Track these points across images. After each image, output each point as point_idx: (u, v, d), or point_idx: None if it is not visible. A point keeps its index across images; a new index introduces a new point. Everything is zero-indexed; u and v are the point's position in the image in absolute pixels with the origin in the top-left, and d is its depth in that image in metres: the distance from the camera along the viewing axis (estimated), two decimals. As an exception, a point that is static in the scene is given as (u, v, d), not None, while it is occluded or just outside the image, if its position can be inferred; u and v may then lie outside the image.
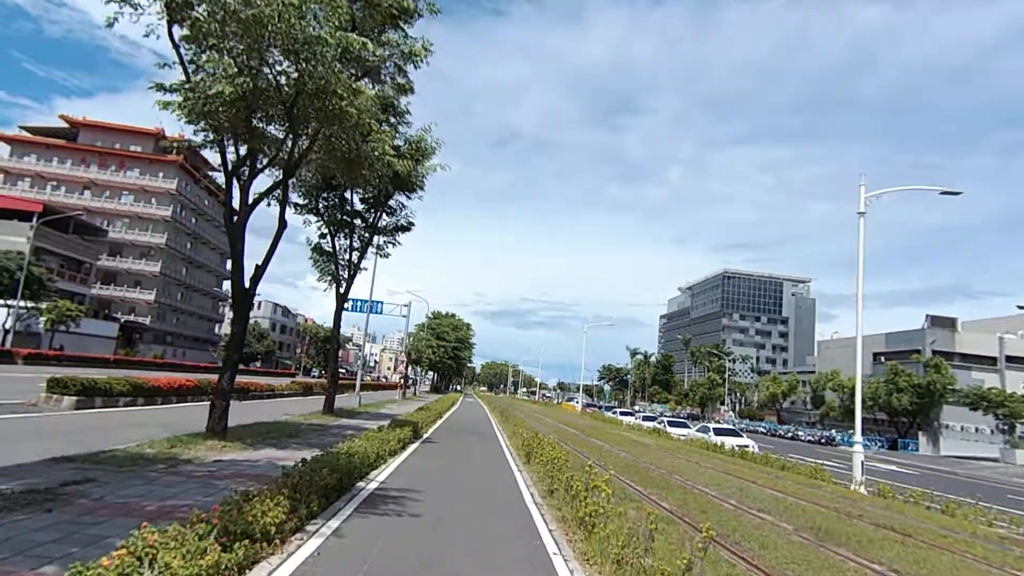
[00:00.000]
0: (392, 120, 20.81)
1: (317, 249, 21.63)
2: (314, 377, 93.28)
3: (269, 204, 12.99)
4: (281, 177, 12.53)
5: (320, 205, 21.22)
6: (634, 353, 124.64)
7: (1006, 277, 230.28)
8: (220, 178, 12.64)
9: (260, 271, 12.27)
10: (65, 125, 65.38)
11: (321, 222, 20.79)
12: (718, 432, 30.47)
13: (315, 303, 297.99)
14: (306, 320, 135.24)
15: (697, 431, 32.62)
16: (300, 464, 6.87)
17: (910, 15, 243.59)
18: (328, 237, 21.37)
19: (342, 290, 21.35)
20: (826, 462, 29.69)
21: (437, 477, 10.24)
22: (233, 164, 11.64)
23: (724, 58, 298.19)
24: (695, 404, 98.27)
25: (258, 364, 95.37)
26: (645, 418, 45.59)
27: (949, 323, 68.62)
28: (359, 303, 40.96)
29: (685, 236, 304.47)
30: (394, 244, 22.55)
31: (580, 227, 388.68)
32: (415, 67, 13.21)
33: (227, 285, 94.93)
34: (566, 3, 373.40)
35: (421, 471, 10.71)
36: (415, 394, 65.27)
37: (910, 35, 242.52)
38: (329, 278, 21.28)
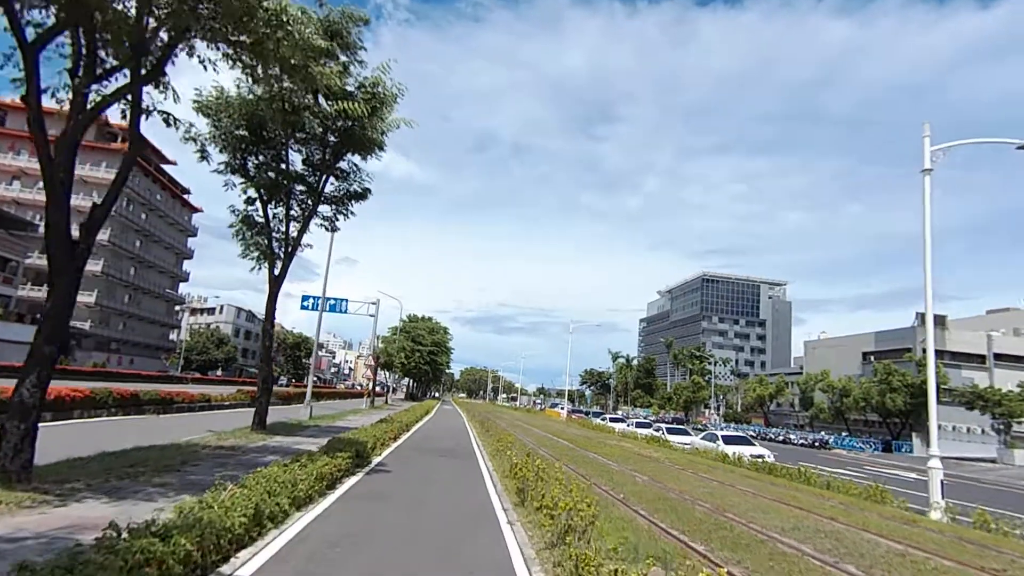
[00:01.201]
0: (342, 57, 16.51)
1: (246, 220, 17.01)
2: (281, 386, 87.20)
3: (124, 115, 8.46)
4: (130, 73, 8.01)
5: (249, 164, 16.71)
6: (616, 357, 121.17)
7: (966, 281, 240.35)
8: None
9: (100, 214, 7.80)
10: (-9, 108, 58.98)
11: (247, 183, 16.23)
12: (728, 441, 26.55)
13: (289, 309, 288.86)
14: (274, 325, 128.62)
15: (703, 439, 28.67)
16: None
17: (873, 32, 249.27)
18: (259, 204, 16.83)
19: (276, 271, 16.79)
20: (839, 470, 26.11)
21: (365, 560, 5.83)
22: (36, 37, 7.16)
23: (700, 69, 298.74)
24: (679, 408, 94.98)
25: (219, 372, 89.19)
26: (639, 424, 41.54)
27: (939, 321, 66.47)
28: (315, 300, 36.22)
29: (662, 243, 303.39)
30: (346, 215, 18.07)
31: (559, 233, 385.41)
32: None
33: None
34: (544, 11, 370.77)
35: (341, 541, 6.32)
36: (386, 402, 60.29)
37: (874, 52, 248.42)
38: (258, 254, 16.66)
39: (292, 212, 17.19)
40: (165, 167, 76.26)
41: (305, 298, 38.06)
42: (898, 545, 8.30)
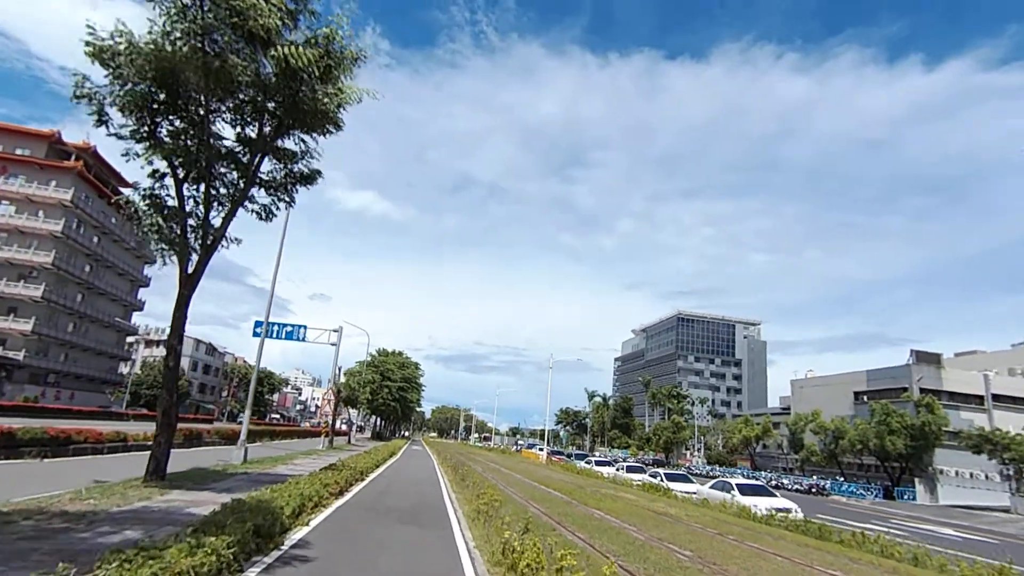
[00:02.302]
0: (289, 4, 13.04)
1: (154, 202, 12.94)
2: (239, 423, 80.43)
3: None
4: None
5: (162, 131, 12.84)
6: (592, 396, 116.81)
7: (917, 326, 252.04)
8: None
9: None
10: (-73, 118, 54.00)
11: (152, 151, 12.24)
12: (744, 490, 22.53)
13: (254, 344, 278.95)
14: (235, 359, 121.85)
15: (712, 488, 24.51)
16: None
17: (830, 89, 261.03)
18: (172, 181, 12.85)
19: (190, 269, 12.72)
20: (865, 525, 22.33)
21: None
22: None
23: (669, 118, 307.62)
24: (658, 449, 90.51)
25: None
26: (630, 468, 37.21)
27: (934, 359, 64.30)
28: (271, 326, 31.85)
29: (636, 283, 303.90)
30: (287, 202, 14.20)
31: (535, 273, 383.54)
32: None
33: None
34: (519, 60, 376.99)
35: None
36: (349, 442, 54.91)
37: (830, 108, 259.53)
38: (160, 243, 12.56)
39: (218, 192, 13.24)
40: (124, 190, 71.65)
41: (258, 323, 33.63)
42: None
